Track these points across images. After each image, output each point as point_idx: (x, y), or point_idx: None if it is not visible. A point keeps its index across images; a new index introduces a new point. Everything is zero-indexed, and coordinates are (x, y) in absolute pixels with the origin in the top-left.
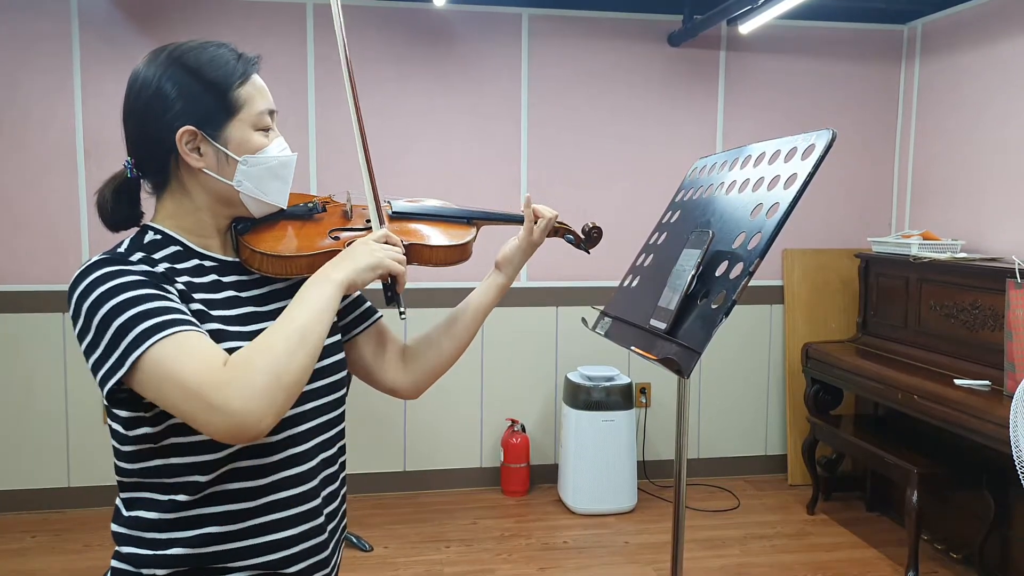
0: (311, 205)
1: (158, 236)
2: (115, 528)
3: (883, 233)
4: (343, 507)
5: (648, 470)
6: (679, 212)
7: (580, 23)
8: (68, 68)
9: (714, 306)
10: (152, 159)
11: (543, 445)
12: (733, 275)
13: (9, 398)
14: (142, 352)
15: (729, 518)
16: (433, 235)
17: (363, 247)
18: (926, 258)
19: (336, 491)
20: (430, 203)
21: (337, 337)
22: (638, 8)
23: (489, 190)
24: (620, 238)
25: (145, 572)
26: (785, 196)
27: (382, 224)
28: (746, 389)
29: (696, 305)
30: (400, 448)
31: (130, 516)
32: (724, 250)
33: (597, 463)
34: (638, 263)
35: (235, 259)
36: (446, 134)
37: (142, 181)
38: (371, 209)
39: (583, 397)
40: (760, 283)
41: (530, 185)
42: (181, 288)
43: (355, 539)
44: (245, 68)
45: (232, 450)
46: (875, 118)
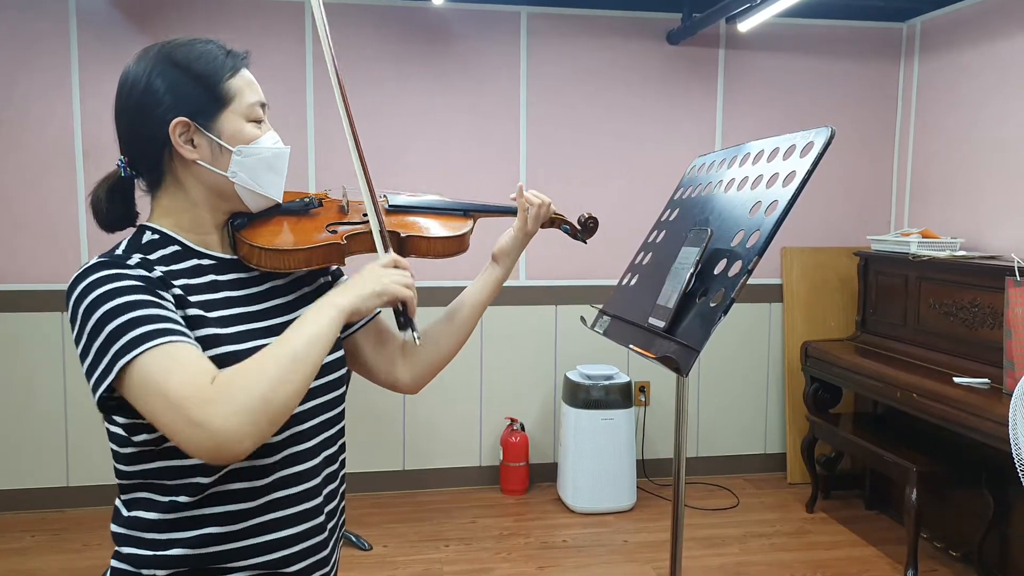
0: (307, 200)
1: (156, 236)
2: (114, 528)
3: (882, 231)
4: (342, 505)
5: (647, 469)
6: (678, 210)
7: (579, 21)
8: (66, 67)
9: (713, 304)
10: (145, 156)
11: (542, 444)
12: (732, 273)
13: (8, 398)
14: (130, 360)
15: (728, 516)
16: (431, 227)
17: (369, 272)
18: (925, 256)
19: (336, 489)
20: (427, 197)
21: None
22: (637, 6)
23: (488, 188)
24: (619, 236)
25: (145, 572)
26: (784, 194)
27: (379, 217)
28: (745, 387)
29: (695, 303)
30: (399, 447)
31: (130, 516)
32: (723, 248)
33: (596, 462)
34: (637, 261)
35: (233, 256)
36: (445, 133)
37: (136, 180)
38: (367, 204)
39: (582, 396)
40: (759, 281)
41: (529, 183)
42: (178, 293)
43: (354, 538)
44: (235, 62)
45: None
46: (874, 116)
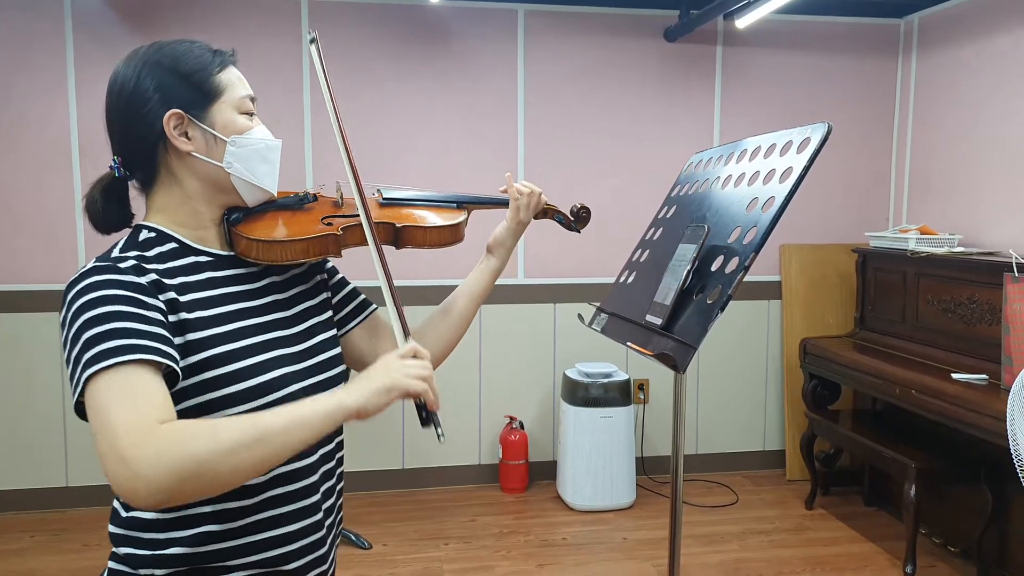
0: (302, 195)
1: (152, 234)
2: (112, 529)
3: (880, 228)
4: (340, 502)
5: (646, 466)
6: (675, 207)
7: (576, 19)
8: (63, 68)
9: (710, 301)
10: (139, 153)
11: (541, 442)
12: (729, 270)
13: (7, 398)
14: (94, 372)
15: (727, 513)
16: (426, 217)
17: (383, 364)
18: (924, 253)
19: (334, 486)
20: (421, 191)
21: (333, 332)
22: (634, 3)
23: (485, 186)
24: (616, 234)
25: (143, 572)
26: (781, 190)
27: (367, 213)
28: (744, 385)
29: (692, 300)
30: (398, 445)
31: (127, 517)
32: (720, 245)
33: (595, 459)
34: (634, 259)
35: (230, 253)
36: (442, 131)
37: (130, 180)
38: (357, 203)
39: (581, 393)
40: (758, 278)
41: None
42: (172, 296)
43: (354, 537)
44: (222, 59)
45: None
46: (872, 113)
